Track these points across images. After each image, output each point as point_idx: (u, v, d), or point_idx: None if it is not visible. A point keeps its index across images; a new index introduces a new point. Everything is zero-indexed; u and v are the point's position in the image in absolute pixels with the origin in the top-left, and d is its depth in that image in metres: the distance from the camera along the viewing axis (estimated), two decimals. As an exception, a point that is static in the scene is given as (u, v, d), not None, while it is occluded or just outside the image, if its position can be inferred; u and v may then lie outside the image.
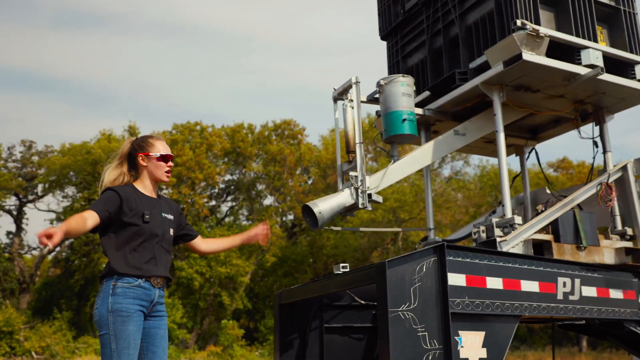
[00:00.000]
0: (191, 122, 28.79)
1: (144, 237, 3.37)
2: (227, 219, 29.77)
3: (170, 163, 3.56)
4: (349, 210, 4.58)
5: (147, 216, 3.37)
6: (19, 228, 29.01)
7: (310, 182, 28.93)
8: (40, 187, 29.76)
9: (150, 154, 3.53)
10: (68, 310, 27.39)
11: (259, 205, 28.49)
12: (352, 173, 4.53)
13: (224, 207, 30.27)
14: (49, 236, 2.94)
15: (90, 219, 3.23)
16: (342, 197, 4.47)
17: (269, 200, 29.08)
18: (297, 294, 5.04)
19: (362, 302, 5.33)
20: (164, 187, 28.57)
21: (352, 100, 4.74)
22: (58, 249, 31.16)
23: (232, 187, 29.39)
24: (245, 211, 29.62)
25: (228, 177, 29.10)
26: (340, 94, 4.89)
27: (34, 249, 30.64)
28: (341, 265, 4.54)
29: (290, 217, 28.40)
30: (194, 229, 3.79)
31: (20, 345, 22.58)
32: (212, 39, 63.10)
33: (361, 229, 6.00)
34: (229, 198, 30.05)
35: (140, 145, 3.57)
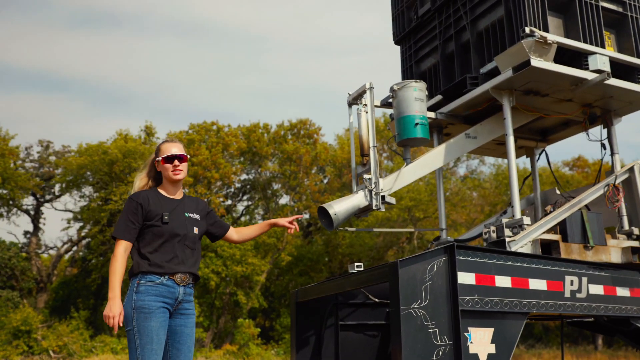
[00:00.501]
0: (207, 121, 29.06)
1: (165, 237, 3.55)
2: (242, 218, 30.03)
3: (175, 162, 3.69)
4: (364, 211, 4.75)
5: (166, 217, 3.56)
6: (36, 227, 29.52)
7: (325, 181, 29.10)
8: (57, 187, 30.24)
9: (158, 158, 3.75)
10: (85, 310, 27.78)
11: (275, 204, 28.72)
12: (366, 175, 4.70)
13: (240, 207, 30.55)
14: (113, 317, 3.37)
15: (127, 250, 3.54)
16: (357, 199, 4.64)
17: (284, 200, 29.31)
18: (313, 293, 5.22)
19: (376, 300, 5.50)
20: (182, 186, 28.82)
21: (366, 105, 4.91)
22: (75, 248, 31.67)
23: (248, 187, 29.65)
24: (261, 210, 29.86)
25: (244, 176, 29.37)
26: (355, 99, 5.07)
27: (51, 248, 31.17)
28: (356, 264, 4.70)
29: (306, 216, 28.58)
30: (225, 222, 3.99)
31: (38, 344, 22.97)
32: (228, 39, 63.49)
33: (375, 229, 6.17)
34: (244, 197, 30.34)
35: (155, 152, 3.81)
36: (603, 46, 4.99)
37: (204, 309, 26.42)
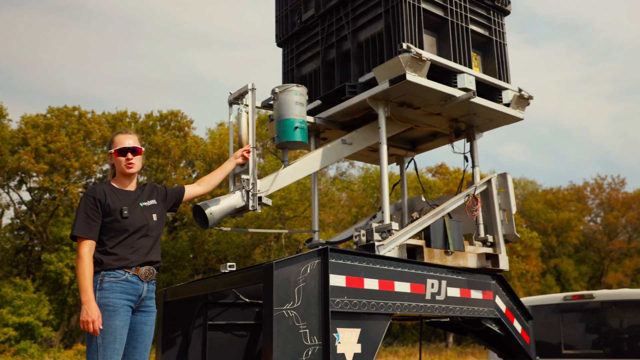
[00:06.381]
0: (69, 106, 27.43)
1: (126, 232, 3.48)
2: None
3: (129, 155, 3.64)
4: (239, 211, 4.72)
5: (125, 211, 3.48)
6: None
7: (194, 175, 28.55)
8: None
9: (111, 150, 3.68)
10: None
11: (139, 197, 27.71)
12: (244, 176, 4.67)
13: (101, 198, 29.08)
14: (93, 322, 3.23)
15: (91, 250, 3.39)
16: (234, 199, 4.60)
17: (150, 193, 28.30)
18: (182, 292, 5.11)
19: (247, 300, 5.50)
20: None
21: (247, 106, 4.89)
22: None
23: (111, 178, 28.33)
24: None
25: (106, 166, 27.99)
26: (236, 99, 5.02)
27: None
28: (228, 264, 4.66)
29: (172, 211, 27.84)
30: (178, 187, 4.02)
31: None
32: (99, 19, 60.06)
33: (250, 230, 6.17)
34: (106, 189, 28.94)
35: (109, 144, 3.73)
36: (470, 66, 5.37)
37: (54, 306, 24.87)
